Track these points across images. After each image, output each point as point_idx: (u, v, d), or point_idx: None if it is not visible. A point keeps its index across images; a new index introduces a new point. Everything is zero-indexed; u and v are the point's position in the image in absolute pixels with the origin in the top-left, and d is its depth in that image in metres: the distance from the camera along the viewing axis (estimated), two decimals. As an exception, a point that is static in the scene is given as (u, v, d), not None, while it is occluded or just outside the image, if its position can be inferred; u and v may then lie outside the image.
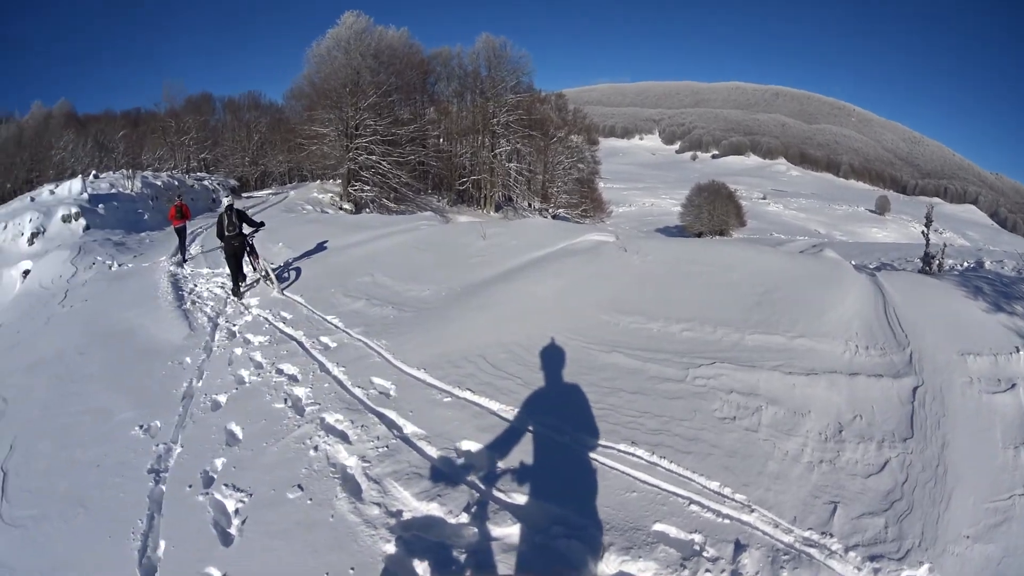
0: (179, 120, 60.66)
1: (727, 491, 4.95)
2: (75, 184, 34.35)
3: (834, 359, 6.93)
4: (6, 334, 14.61)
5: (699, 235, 71.25)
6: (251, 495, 5.53)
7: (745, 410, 6.02)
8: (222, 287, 14.25)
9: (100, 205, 30.17)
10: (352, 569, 4.46)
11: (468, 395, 6.69)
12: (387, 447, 5.89)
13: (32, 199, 33.99)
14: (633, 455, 5.38)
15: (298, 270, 14.63)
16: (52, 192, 34.45)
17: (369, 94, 42.13)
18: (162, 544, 5.19)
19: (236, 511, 5.40)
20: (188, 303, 12.99)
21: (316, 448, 6.07)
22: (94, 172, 40.97)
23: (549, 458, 5.38)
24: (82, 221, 27.74)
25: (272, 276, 13.38)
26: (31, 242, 27.32)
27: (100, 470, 6.61)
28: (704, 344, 7.45)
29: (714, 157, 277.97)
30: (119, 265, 20.81)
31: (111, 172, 43.44)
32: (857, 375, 6.56)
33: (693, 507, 4.78)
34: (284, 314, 11.06)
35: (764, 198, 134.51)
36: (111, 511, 5.83)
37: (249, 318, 11.34)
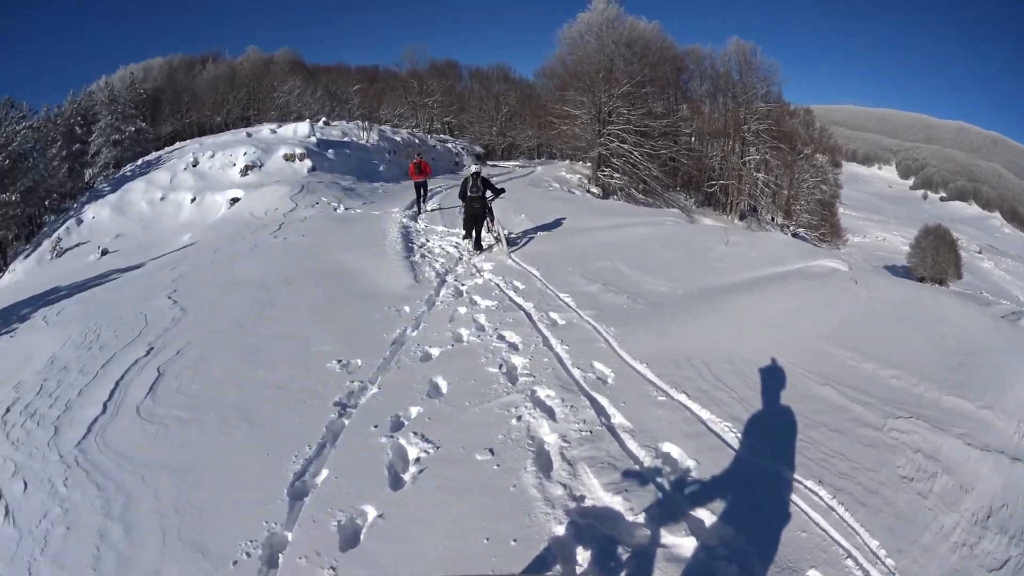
0: (422, 82, 64.71)
1: (882, 553, 4.91)
2: (302, 127, 37.23)
3: (1005, 439, 6.95)
4: (200, 251, 15.99)
5: (921, 279, 67.09)
6: (438, 448, 5.76)
7: (923, 473, 5.99)
8: (456, 247, 14.96)
9: (330, 150, 32.52)
10: (514, 541, 4.55)
11: (683, 398, 6.62)
12: (591, 432, 5.92)
13: (248, 135, 37.00)
14: (816, 494, 5.32)
15: (535, 241, 15.14)
16: (273, 132, 37.55)
17: (622, 83, 43.03)
18: (324, 472, 5.52)
19: (417, 459, 5.65)
20: (417, 256, 13.81)
21: (519, 418, 6.21)
22: (324, 119, 43.91)
23: (740, 478, 5.36)
24: (307, 162, 30.30)
25: (504, 239, 14.07)
26: (244, 173, 29.88)
27: (280, 392, 7.12)
28: (907, 395, 7.45)
29: (942, 199, 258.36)
30: (345, 209, 22.37)
31: (344, 121, 46.55)
32: (1018, 461, 6.47)
33: (848, 561, 4.72)
34: (517, 283, 11.36)
35: (980, 252, 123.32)
36: (279, 431, 6.26)
37: (480, 281, 11.81)
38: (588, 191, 40.55)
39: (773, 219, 55.39)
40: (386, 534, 4.75)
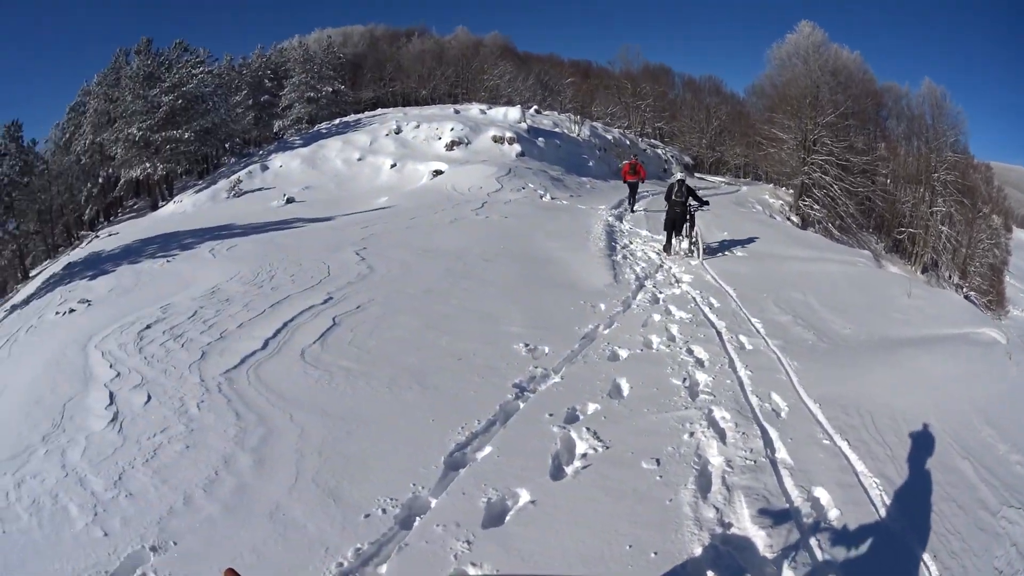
0: (635, 83, 65.34)
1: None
2: (512, 111, 38.03)
3: None
4: (396, 215, 16.52)
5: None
6: (607, 448, 5.84)
7: (1011, 568, 5.43)
8: (658, 253, 15.01)
9: (540, 139, 33.21)
10: (655, 553, 4.56)
11: (844, 446, 6.44)
12: (754, 463, 5.89)
13: (456, 111, 38.08)
14: (928, 569, 5.04)
15: (733, 261, 14.95)
16: (483, 112, 38.55)
17: (827, 111, 41.83)
18: (487, 449, 5.73)
19: (584, 455, 5.76)
20: (618, 256, 13.98)
21: (691, 434, 6.22)
22: (535, 106, 44.63)
23: (873, 538, 5.16)
24: (516, 147, 31.03)
25: (700, 243, 14.22)
26: (449, 148, 30.87)
27: (460, 363, 7.42)
28: (1024, 485, 7.13)
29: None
30: (551, 198, 22.83)
31: (556, 112, 47.30)
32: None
33: None
34: (712, 300, 11.26)
35: None
36: (450, 401, 6.51)
37: (677, 291, 11.75)
38: (788, 219, 39.63)
39: (950, 276, 52.32)
40: (533, 520, 4.82)
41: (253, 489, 5.40)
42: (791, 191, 44.91)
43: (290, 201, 26.49)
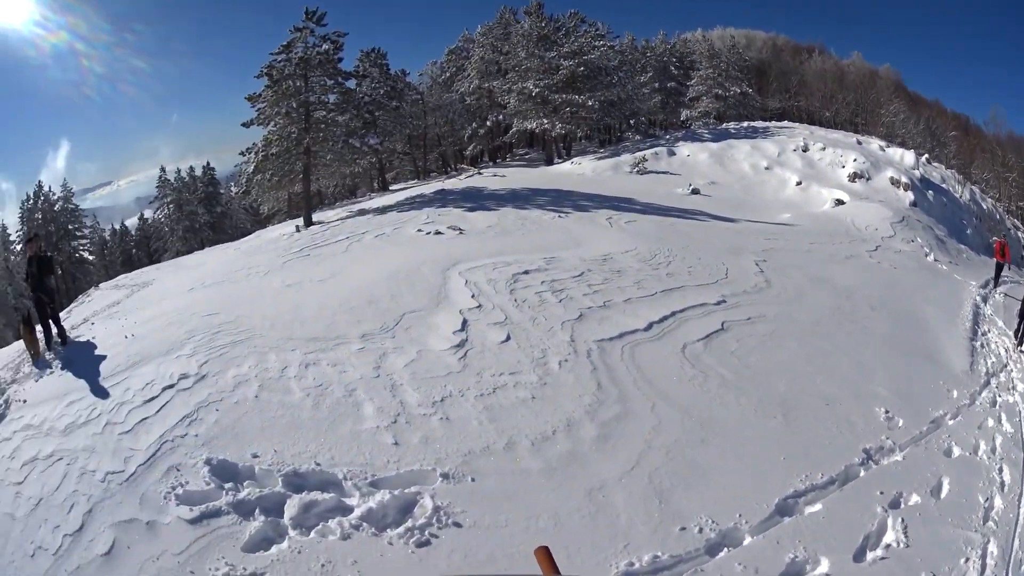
0: (1004, 152, 59.42)
1: None
2: (908, 156, 36.53)
3: None
4: (797, 235, 17.21)
5: None
6: (907, 547, 5.59)
7: None
8: (1006, 350, 13.57)
9: (930, 191, 31.77)
10: None
11: None
12: None
13: (859, 142, 36.99)
14: None
15: None
16: (882, 149, 37.10)
17: None
18: (816, 506, 5.79)
19: (887, 545, 5.57)
20: (978, 342, 12.95)
21: (967, 559, 5.70)
22: (926, 155, 42.23)
23: None
24: (910, 195, 29.73)
25: None
26: (852, 179, 30.45)
27: (826, 409, 7.54)
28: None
29: None
30: (934, 259, 21.64)
31: (942, 166, 44.38)
32: None
33: None
34: None
35: None
36: (804, 443, 6.66)
37: (1011, 399, 10.19)
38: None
39: None
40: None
41: (584, 461, 5.77)
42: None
43: (695, 192, 27.52)
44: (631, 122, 50.74)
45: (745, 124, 44.77)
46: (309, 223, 24.89)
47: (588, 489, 5.38)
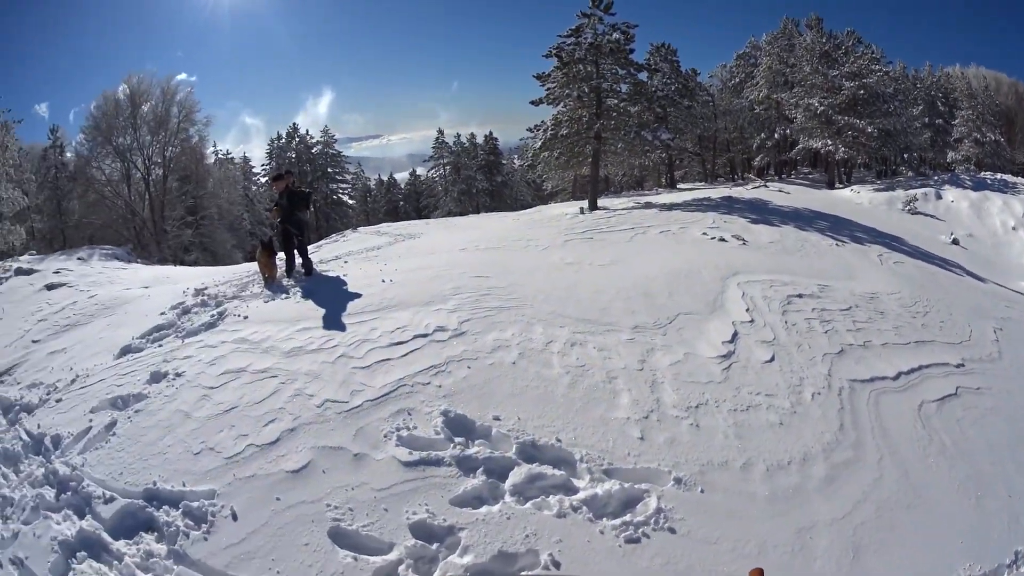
0: None
1: None
2: None
3: None
4: None
5: None
6: None
7: None
8: None
9: None
10: None
11: None
12: None
13: None
14: None
15: None
16: None
17: None
18: None
19: None
20: None
21: None
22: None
23: None
24: None
25: None
26: (1014, 228, 29.79)
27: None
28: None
29: None
30: None
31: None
32: None
33: None
34: None
35: None
36: (995, 532, 6.37)
37: None
38: None
39: None
40: None
41: (807, 498, 5.88)
42: None
43: (955, 242, 26.70)
44: (904, 156, 48.95)
45: (999, 176, 41.89)
46: (594, 207, 25.78)
47: (799, 527, 5.49)
